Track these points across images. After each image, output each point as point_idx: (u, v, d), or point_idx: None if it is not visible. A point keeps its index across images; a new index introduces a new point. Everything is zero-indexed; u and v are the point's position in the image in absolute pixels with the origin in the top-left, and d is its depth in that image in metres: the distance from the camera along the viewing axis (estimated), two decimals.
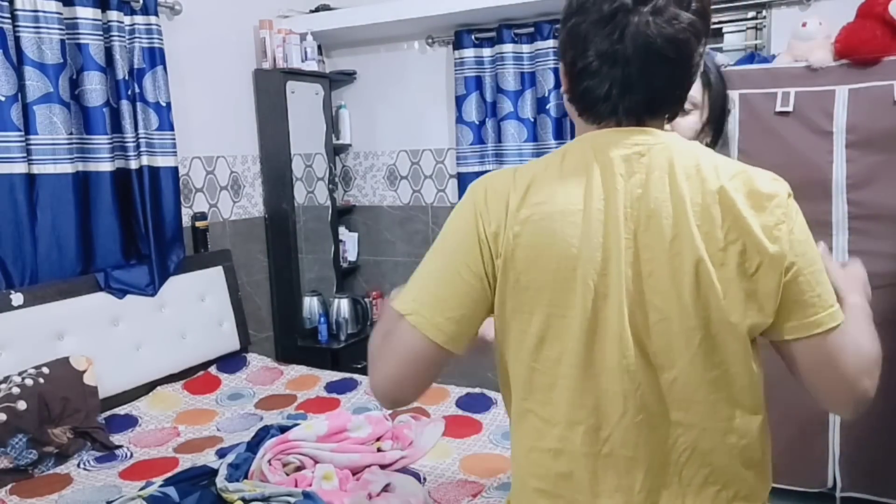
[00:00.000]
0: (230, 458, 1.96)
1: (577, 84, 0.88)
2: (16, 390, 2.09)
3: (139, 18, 2.68)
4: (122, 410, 2.49)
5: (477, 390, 2.64)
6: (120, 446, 2.25)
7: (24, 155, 2.33)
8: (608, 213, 0.83)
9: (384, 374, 0.92)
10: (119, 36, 2.59)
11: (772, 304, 0.83)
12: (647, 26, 0.81)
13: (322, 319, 3.45)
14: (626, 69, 0.83)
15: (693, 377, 0.85)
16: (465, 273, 0.88)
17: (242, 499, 1.72)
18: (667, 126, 0.91)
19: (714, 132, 1.44)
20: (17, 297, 2.30)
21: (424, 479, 1.97)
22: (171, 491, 1.76)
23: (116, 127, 2.62)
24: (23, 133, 2.32)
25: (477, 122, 3.44)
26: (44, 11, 2.34)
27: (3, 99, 2.27)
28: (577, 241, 0.83)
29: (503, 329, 0.91)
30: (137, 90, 2.68)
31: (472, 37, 3.38)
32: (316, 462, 1.99)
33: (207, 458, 2.12)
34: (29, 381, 2.14)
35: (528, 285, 0.86)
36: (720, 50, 3.05)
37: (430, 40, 3.57)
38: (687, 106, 1.29)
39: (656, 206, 0.82)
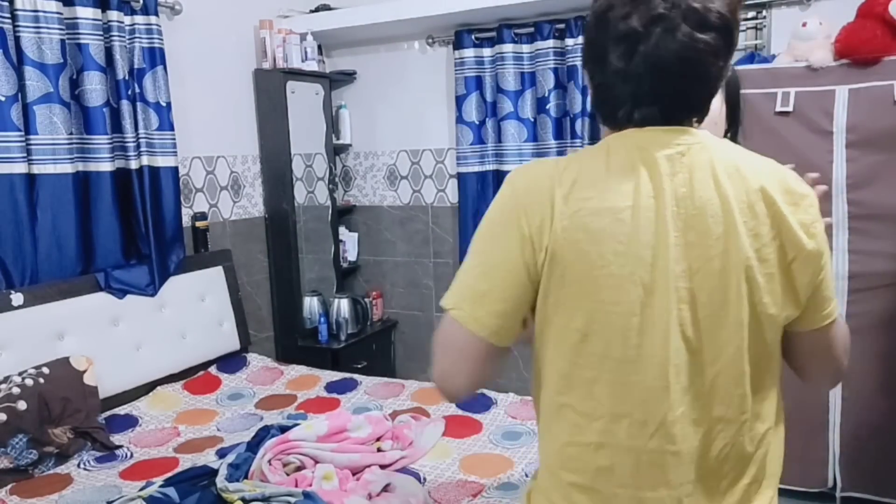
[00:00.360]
0: (230, 458, 1.96)
1: (597, 96, 0.93)
2: (16, 390, 2.09)
3: (139, 18, 2.68)
4: (122, 410, 2.49)
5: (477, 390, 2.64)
6: (120, 446, 2.25)
7: (25, 155, 2.33)
8: (657, 212, 0.84)
9: (437, 368, 0.95)
10: (119, 36, 2.59)
11: (803, 297, 0.88)
12: (657, 48, 0.83)
13: (322, 319, 3.45)
14: (639, 86, 0.86)
15: (734, 371, 0.87)
16: (506, 267, 0.89)
17: (242, 499, 1.72)
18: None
19: (730, 123, 1.44)
20: (17, 297, 2.30)
21: (424, 479, 1.97)
22: (171, 491, 1.76)
23: (116, 127, 2.62)
24: (23, 133, 2.32)
25: (477, 122, 3.44)
26: (44, 11, 2.34)
27: (3, 99, 2.27)
28: (626, 238, 0.84)
29: (543, 323, 0.91)
30: (137, 90, 2.69)
31: (472, 37, 3.38)
32: (316, 462, 1.99)
33: (207, 458, 2.12)
34: (29, 381, 2.14)
35: (574, 280, 0.86)
36: None
37: (430, 40, 3.57)
38: None
39: (702, 204, 0.84)
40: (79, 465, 2.13)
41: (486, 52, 3.38)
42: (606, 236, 0.84)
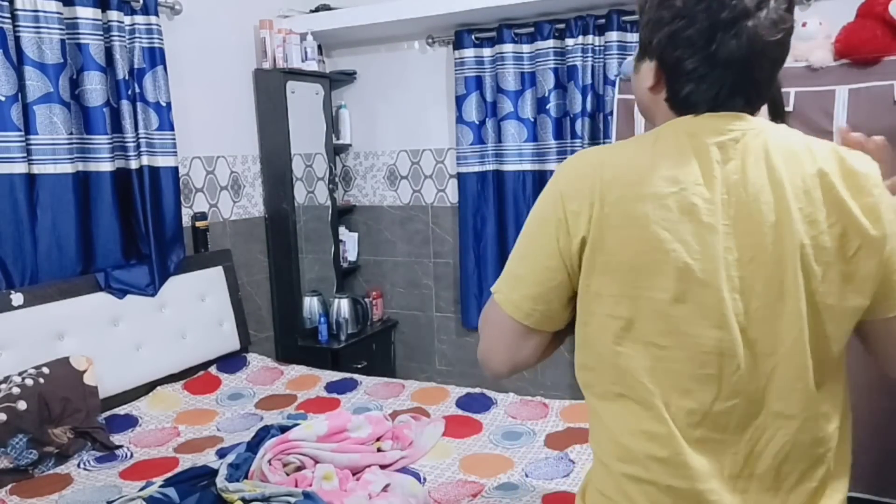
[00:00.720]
0: (230, 458, 1.96)
1: (680, 86, 0.88)
2: (16, 390, 2.09)
3: (139, 18, 2.68)
4: (122, 410, 2.49)
5: (477, 390, 2.64)
6: (120, 446, 2.25)
7: (25, 155, 2.33)
8: (705, 199, 0.82)
9: (480, 346, 0.99)
10: (119, 36, 2.59)
11: (870, 287, 0.84)
12: (759, 31, 0.82)
13: (322, 319, 3.45)
14: (738, 73, 0.84)
15: (795, 364, 0.84)
16: (541, 252, 0.90)
17: (242, 499, 1.72)
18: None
19: (774, 115, 1.41)
20: (17, 297, 2.30)
21: (424, 479, 1.97)
22: (171, 492, 1.76)
23: (116, 127, 2.62)
24: (23, 133, 2.32)
25: (477, 122, 3.44)
26: (44, 11, 2.34)
27: (3, 99, 2.27)
28: (670, 225, 0.82)
29: (587, 311, 0.90)
30: (137, 90, 2.69)
31: (473, 37, 3.38)
32: (316, 462, 1.99)
33: (207, 458, 2.12)
34: (29, 381, 2.14)
35: (618, 268, 0.85)
36: None
37: (430, 40, 3.57)
38: None
39: (755, 191, 0.82)
40: (79, 465, 2.13)
41: (486, 52, 3.38)
42: (649, 223, 0.82)
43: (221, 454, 2.10)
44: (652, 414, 0.87)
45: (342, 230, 3.80)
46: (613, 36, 3.05)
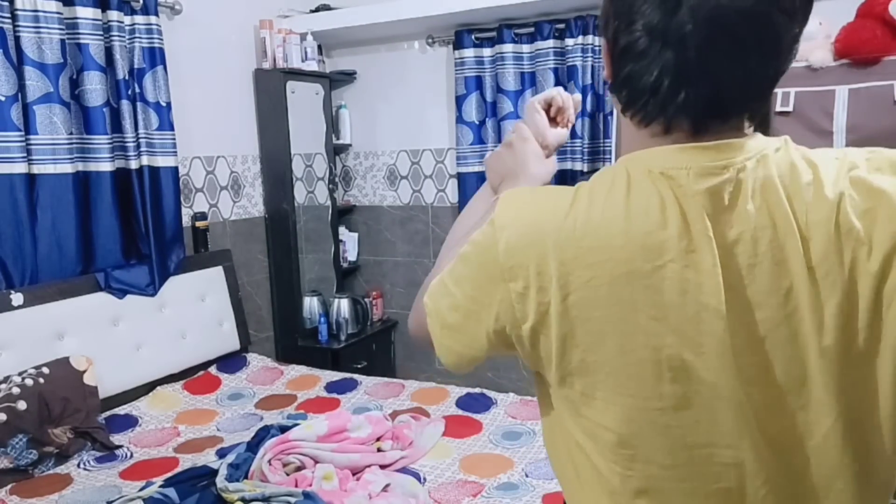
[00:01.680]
0: (230, 458, 1.96)
1: (619, 68, 0.67)
2: (16, 390, 2.09)
3: (139, 18, 2.68)
4: (122, 410, 2.49)
5: (477, 390, 2.64)
6: (120, 446, 2.25)
7: (24, 155, 2.33)
8: (699, 271, 0.63)
9: (411, 323, 0.85)
10: (119, 36, 2.59)
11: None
12: None
13: (322, 319, 3.45)
14: (682, 52, 0.62)
15: (828, 460, 0.66)
16: (478, 326, 0.73)
17: (242, 499, 1.72)
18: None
19: (758, 125, 1.34)
20: (17, 297, 2.30)
21: (424, 479, 1.97)
22: (171, 492, 1.76)
23: (116, 127, 2.62)
24: (23, 133, 2.32)
25: (477, 122, 3.44)
26: (44, 11, 2.34)
27: (3, 99, 2.27)
28: (659, 312, 0.63)
29: (569, 410, 0.71)
30: (137, 90, 2.69)
31: (472, 37, 3.38)
32: (316, 462, 1.99)
33: (207, 458, 2.12)
34: (29, 381, 2.14)
35: (597, 368, 0.66)
36: None
37: (430, 40, 3.57)
38: None
39: (765, 249, 0.63)
40: (79, 465, 2.13)
41: (486, 52, 3.38)
42: (633, 311, 0.63)
43: (221, 454, 2.11)
44: None
45: (342, 230, 3.80)
46: None
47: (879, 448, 0.66)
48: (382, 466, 2.03)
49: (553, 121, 1.01)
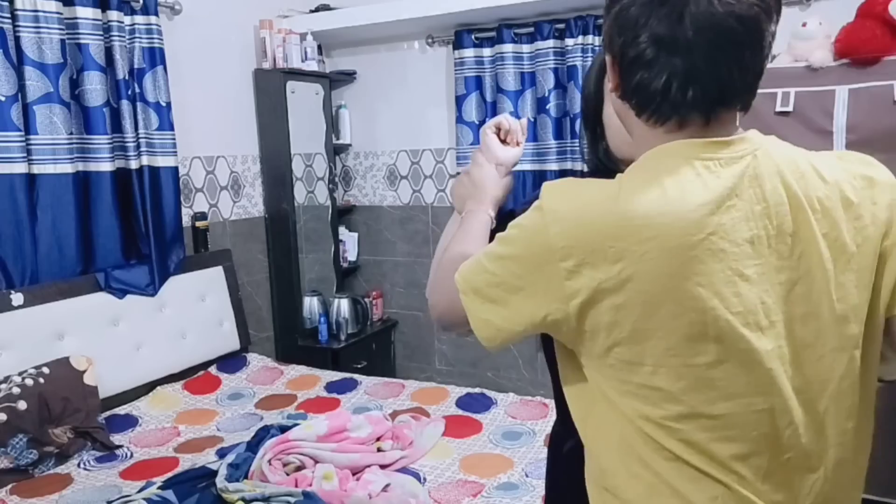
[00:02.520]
0: (230, 458, 1.96)
1: (629, 77, 0.76)
2: (16, 390, 2.09)
3: (139, 18, 2.68)
4: (122, 410, 2.50)
5: (477, 390, 2.64)
6: (120, 446, 2.25)
7: (25, 155, 2.33)
8: (734, 239, 0.72)
9: (437, 309, 0.92)
10: (119, 36, 2.59)
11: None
12: (712, 4, 0.70)
13: (322, 319, 3.45)
14: (689, 57, 0.72)
15: (845, 403, 0.79)
16: (525, 304, 0.78)
17: (242, 499, 1.72)
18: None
19: None
20: (17, 297, 2.30)
21: (424, 479, 1.97)
22: (170, 495, 1.75)
23: (116, 127, 2.62)
24: (23, 133, 2.32)
25: (477, 122, 3.44)
26: (44, 11, 2.34)
27: (3, 99, 2.27)
28: (706, 279, 0.71)
29: (615, 381, 0.78)
30: (137, 90, 2.69)
31: (472, 37, 3.38)
32: (316, 462, 1.99)
33: (207, 458, 2.12)
34: (29, 381, 2.14)
35: (651, 334, 0.73)
36: None
37: (430, 40, 3.57)
38: None
39: (779, 223, 0.74)
40: (79, 465, 2.14)
41: (486, 52, 3.38)
42: (684, 279, 0.71)
43: (221, 454, 2.11)
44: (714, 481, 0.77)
45: (342, 230, 3.80)
46: None
47: (874, 385, 0.80)
48: (382, 466, 2.03)
49: (504, 142, 1.14)
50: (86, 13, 2.48)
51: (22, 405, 2.08)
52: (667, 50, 0.72)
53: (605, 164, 1.14)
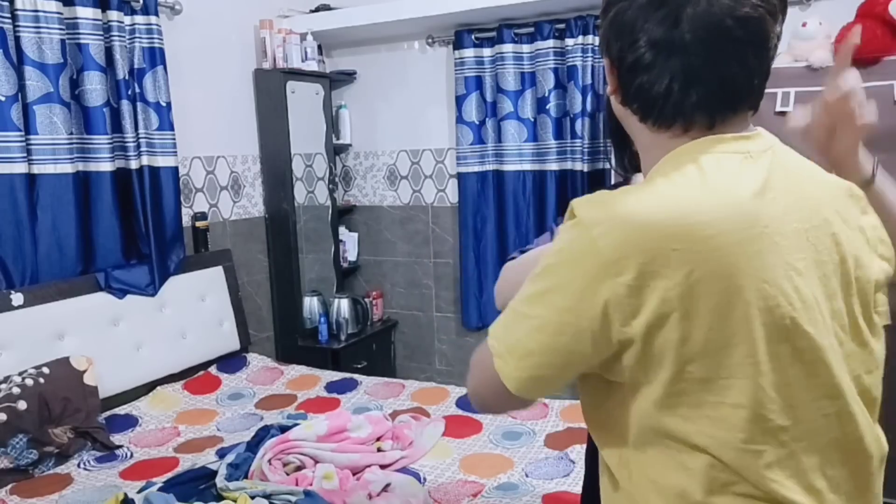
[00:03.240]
0: (230, 458, 1.96)
1: (629, 82, 0.75)
2: (16, 390, 2.09)
3: (139, 18, 2.68)
4: (122, 410, 2.49)
5: None
6: (120, 446, 2.25)
7: (25, 155, 2.33)
8: (779, 233, 0.70)
9: (473, 390, 0.82)
10: (119, 36, 2.59)
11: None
12: (711, 4, 0.68)
13: (322, 319, 3.45)
14: (688, 59, 0.70)
15: (871, 397, 0.78)
16: (568, 333, 0.70)
17: (245, 493, 1.72)
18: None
19: None
20: (17, 297, 2.30)
21: (424, 479, 1.97)
22: (171, 498, 1.75)
23: (117, 127, 2.62)
24: (23, 133, 2.32)
25: (477, 122, 3.44)
26: (44, 11, 2.34)
27: (3, 99, 2.27)
28: (770, 276, 0.68)
29: (687, 404, 0.70)
30: (138, 90, 2.69)
31: (472, 37, 3.38)
32: (316, 462, 1.99)
33: (208, 458, 2.12)
34: (29, 381, 2.14)
35: (723, 345, 0.67)
36: None
37: (430, 40, 3.57)
38: None
39: (807, 216, 0.72)
40: (79, 465, 2.13)
41: (486, 52, 3.38)
42: (747, 278, 0.67)
43: (221, 454, 2.10)
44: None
45: (342, 230, 3.80)
46: None
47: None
48: (382, 466, 2.03)
49: None
50: (86, 13, 2.48)
51: (22, 405, 2.08)
52: (665, 53, 0.71)
53: (628, 171, 1.14)
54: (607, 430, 0.78)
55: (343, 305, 3.47)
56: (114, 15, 2.57)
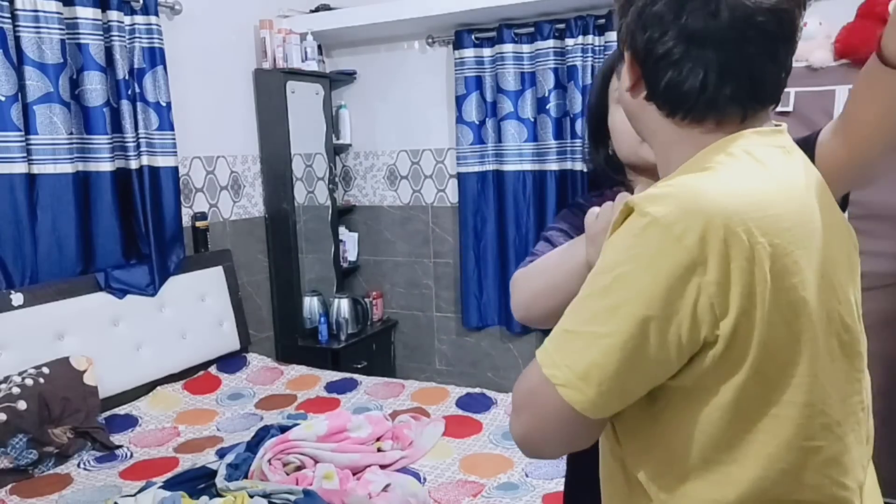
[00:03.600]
0: (230, 458, 1.96)
1: (656, 77, 0.72)
2: (16, 390, 2.09)
3: (139, 18, 2.68)
4: (122, 410, 2.49)
5: (477, 390, 2.64)
6: (120, 446, 2.25)
7: (25, 155, 2.33)
8: (833, 228, 0.71)
9: (521, 428, 0.74)
10: (119, 36, 2.59)
11: None
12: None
13: (322, 319, 3.45)
14: (722, 51, 0.68)
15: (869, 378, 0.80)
16: (647, 341, 0.65)
17: (245, 493, 1.72)
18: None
19: None
20: (17, 297, 2.30)
21: (424, 479, 1.97)
22: (177, 496, 1.75)
23: (116, 127, 2.62)
24: (23, 133, 2.32)
25: (477, 122, 3.44)
26: (44, 11, 2.34)
27: (3, 99, 2.27)
28: (823, 269, 0.68)
29: (764, 406, 0.67)
30: (137, 90, 2.68)
31: (472, 37, 3.38)
32: (316, 462, 1.99)
33: (207, 458, 2.12)
34: (29, 381, 2.14)
35: (791, 343, 0.66)
36: None
37: (430, 40, 3.57)
38: None
39: (827, 212, 0.72)
40: (79, 465, 2.13)
41: (486, 52, 3.38)
42: (813, 272, 0.67)
43: (221, 454, 2.11)
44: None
45: (342, 230, 3.80)
46: (613, 36, 3.05)
47: None
48: (382, 466, 2.03)
49: None
50: (86, 13, 2.48)
51: (22, 405, 2.08)
52: (700, 46, 0.68)
53: (606, 171, 1.14)
54: (642, 442, 0.74)
55: (343, 305, 3.47)
56: (114, 15, 2.57)
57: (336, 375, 2.90)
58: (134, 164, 2.66)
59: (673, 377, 0.68)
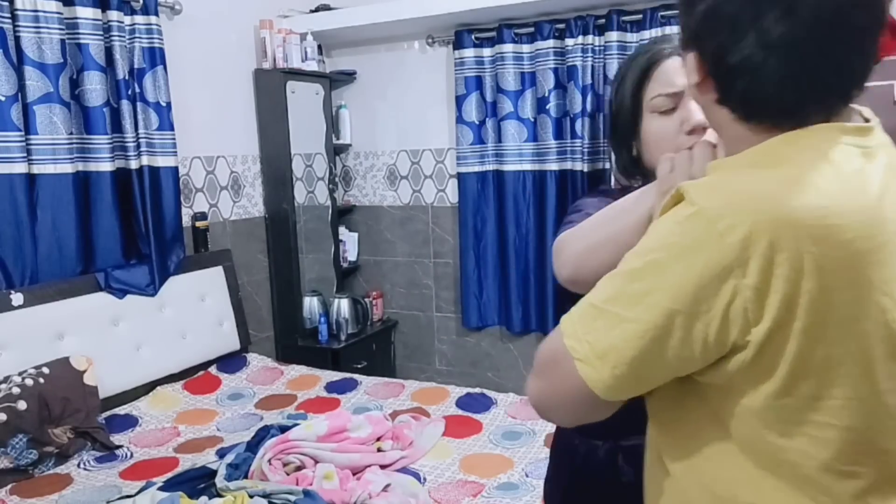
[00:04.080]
0: (230, 458, 1.96)
1: (729, 84, 0.66)
2: (16, 390, 2.09)
3: (139, 18, 2.68)
4: (122, 410, 2.49)
5: (477, 390, 2.64)
6: (120, 446, 2.25)
7: (25, 155, 2.33)
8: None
9: (537, 392, 0.75)
10: (119, 36, 2.59)
11: None
12: None
13: (322, 319, 3.45)
14: (805, 55, 0.62)
15: None
16: (670, 336, 0.63)
17: (245, 493, 1.72)
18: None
19: None
20: (17, 297, 2.30)
21: (424, 479, 1.97)
22: (176, 497, 1.75)
23: (117, 127, 2.62)
24: (23, 133, 2.32)
25: (477, 122, 3.44)
26: (44, 11, 2.34)
27: (3, 99, 2.27)
28: (887, 287, 0.62)
29: (785, 422, 0.65)
30: (138, 90, 2.68)
31: (472, 37, 3.38)
32: (316, 462, 1.99)
33: (207, 458, 2.12)
34: (29, 381, 2.14)
35: (843, 360, 0.62)
36: None
37: (430, 40, 3.57)
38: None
39: None
40: (79, 465, 2.13)
41: (486, 52, 3.38)
42: (871, 290, 0.61)
43: (221, 454, 2.11)
44: None
45: (342, 230, 3.80)
46: (613, 36, 3.05)
47: None
48: (382, 466, 2.03)
49: None
50: (86, 13, 2.48)
51: (22, 405, 2.08)
52: (780, 52, 0.62)
53: (628, 172, 1.09)
54: (673, 424, 0.73)
55: (343, 305, 3.47)
56: (114, 15, 2.57)
57: (336, 375, 2.90)
58: (134, 164, 2.66)
59: (700, 374, 0.66)
